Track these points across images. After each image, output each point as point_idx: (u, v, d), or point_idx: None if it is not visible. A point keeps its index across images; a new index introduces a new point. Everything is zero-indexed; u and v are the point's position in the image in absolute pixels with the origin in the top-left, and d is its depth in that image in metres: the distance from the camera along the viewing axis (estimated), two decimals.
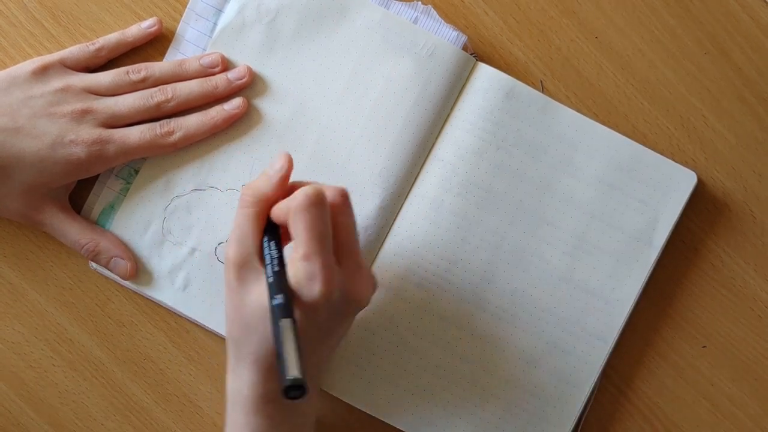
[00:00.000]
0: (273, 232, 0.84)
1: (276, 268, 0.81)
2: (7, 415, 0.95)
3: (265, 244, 0.83)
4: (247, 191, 0.84)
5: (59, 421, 0.95)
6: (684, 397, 0.95)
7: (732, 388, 0.95)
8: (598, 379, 0.93)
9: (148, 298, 0.95)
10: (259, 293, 0.80)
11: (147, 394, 0.95)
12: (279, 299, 0.78)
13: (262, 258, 0.82)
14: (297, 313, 0.78)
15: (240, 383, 0.83)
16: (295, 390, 0.74)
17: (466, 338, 0.93)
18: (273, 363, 0.80)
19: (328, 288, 0.79)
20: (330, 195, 0.82)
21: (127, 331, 0.95)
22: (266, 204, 0.84)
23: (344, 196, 0.83)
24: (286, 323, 0.77)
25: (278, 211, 0.83)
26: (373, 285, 0.85)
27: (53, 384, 0.95)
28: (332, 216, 0.81)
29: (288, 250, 0.82)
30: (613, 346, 0.93)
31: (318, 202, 0.79)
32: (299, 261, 0.79)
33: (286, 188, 0.84)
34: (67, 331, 0.95)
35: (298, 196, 0.79)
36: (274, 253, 0.82)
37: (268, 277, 0.80)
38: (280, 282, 0.80)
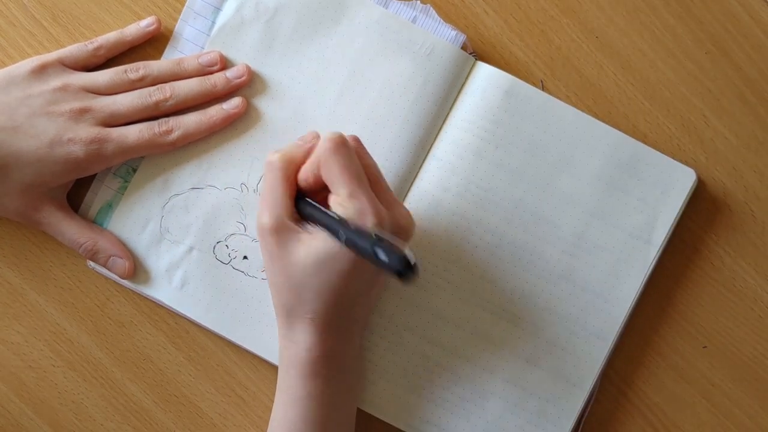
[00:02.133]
0: (302, 196, 0.86)
1: (324, 212, 0.83)
2: (7, 416, 0.95)
3: (302, 203, 0.85)
4: (275, 155, 0.86)
5: (59, 422, 0.95)
6: (684, 397, 0.95)
7: (732, 388, 0.95)
8: (598, 378, 0.93)
9: (147, 298, 0.95)
10: (304, 250, 0.82)
11: (146, 394, 0.95)
12: (347, 224, 0.79)
13: (295, 220, 0.84)
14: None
15: (296, 347, 0.86)
16: (409, 268, 0.74)
17: (465, 337, 0.93)
18: (329, 320, 0.84)
19: (379, 218, 0.81)
20: (348, 138, 0.84)
21: (127, 331, 0.95)
22: (295, 169, 0.86)
23: (357, 139, 0.86)
24: (374, 230, 0.79)
25: (302, 176, 0.85)
26: (411, 216, 0.87)
27: (53, 384, 0.95)
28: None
29: None
30: (613, 344, 0.93)
31: (344, 142, 0.83)
32: (346, 201, 0.81)
33: (304, 150, 0.87)
34: (66, 332, 0.95)
35: (325, 143, 0.82)
36: (314, 204, 0.84)
37: (320, 221, 0.82)
38: (333, 218, 0.81)
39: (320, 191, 0.85)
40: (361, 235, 0.78)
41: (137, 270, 0.93)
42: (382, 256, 0.75)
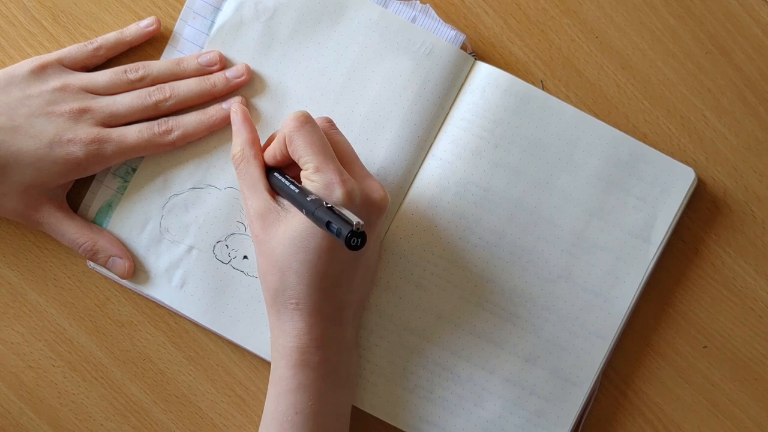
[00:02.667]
0: (271, 170, 0.88)
1: (288, 184, 0.84)
2: (7, 416, 0.95)
3: (271, 176, 0.87)
4: (235, 148, 0.89)
5: (58, 422, 0.95)
6: (684, 397, 0.95)
7: (732, 388, 0.95)
8: (598, 377, 0.93)
9: (147, 298, 0.95)
10: (283, 230, 0.84)
11: (146, 394, 0.95)
12: (307, 196, 0.81)
13: (272, 196, 0.86)
14: None
15: (285, 337, 0.86)
16: (356, 236, 0.75)
17: (465, 337, 0.93)
18: (314, 305, 0.84)
19: (347, 189, 0.82)
20: (317, 120, 0.86)
21: (127, 331, 0.95)
22: (256, 148, 0.88)
23: (330, 120, 0.88)
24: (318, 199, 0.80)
25: (269, 153, 0.88)
26: (385, 190, 0.87)
27: (52, 384, 0.95)
28: (326, 136, 0.85)
29: None
30: (612, 344, 0.92)
31: (307, 119, 0.84)
32: (312, 175, 0.82)
33: (270, 139, 0.90)
34: (66, 332, 0.95)
35: (288, 120, 0.84)
36: (282, 177, 0.86)
37: (286, 193, 0.83)
38: (296, 190, 0.83)
39: (290, 166, 0.87)
40: (317, 205, 0.79)
41: (137, 270, 0.93)
42: (334, 223, 0.76)
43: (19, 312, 0.95)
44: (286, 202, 0.85)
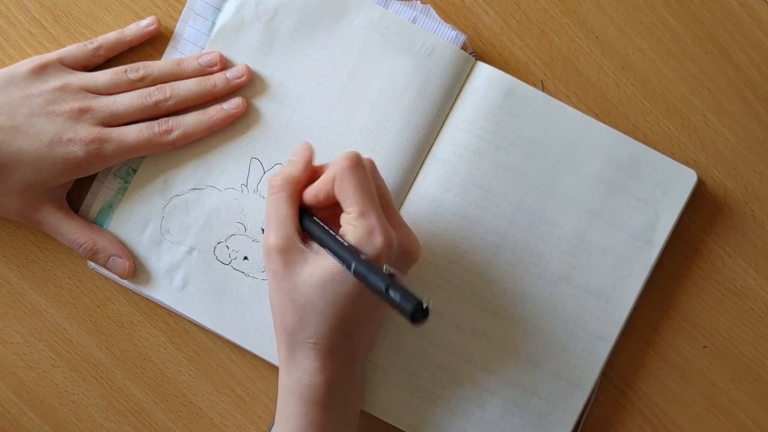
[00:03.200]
0: (308, 214, 0.86)
1: (333, 236, 0.82)
2: (7, 416, 0.95)
3: (309, 222, 0.85)
4: (276, 177, 0.86)
5: (58, 422, 0.95)
6: (684, 397, 0.95)
7: (732, 389, 0.95)
8: (598, 378, 0.93)
9: (147, 298, 0.95)
10: (311, 270, 0.82)
11: (146, 394, 0.95)
12: (360, 256, 0.79)
13: (301, 239, 0.84)
14: None
15: (298, 374, 0.85)
16: (419, 312, 0.74)
17: (466, 338, 0.93)
18: (333, 345, 0.83)
19: (387, 239, 0.81)
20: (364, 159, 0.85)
21: (127, 331, 0.95)
22: (297, 187, 0.86)
23: (373, 163, 0.86)
24: (388, 267, 0.79)
25: (312, 191, 0.85)
26: (417, 240, 0.87)
27: (52, 384, 0.95)
28: None
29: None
30: (613, 345, 0.93)
31: (360, 162, 0.83)
32: (356, 219, 0.81)
33: (312, 172, 0.87)
34: (66, 332, 0.95)
35: (342, 160, 0.82)
36: (322, 226, 0.84)
37: (329, 246, 0.82)
38: (343, 245, 0.81)
39: (326, 208, 0.85)
40: (373, 271, 0.78)
41: (138, 270, 0.93)
42: (395, 296, 0.75)
43: (19, 312, 0.95)
44: (315, 245, 0.84)
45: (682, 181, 0.93)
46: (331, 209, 0.85)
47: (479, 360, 0.93)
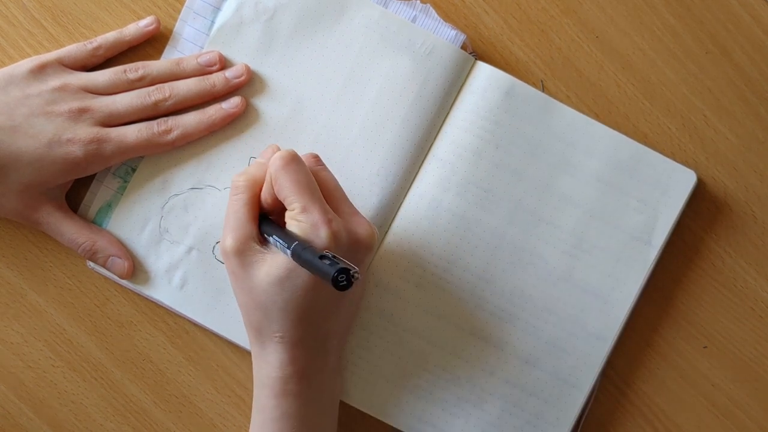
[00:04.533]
0: (265, 217, 0.87)
1: (283, 234, 0.83)
2: (6, 416, 0.95)
3: (265, 223, 0.85)
4: (239, 177, 0.86)
5: (58, 422, 0.95)
6: (684, 397, 0.95)
7: (732, 389, 0.95)
8: (597, 378, 0.93)
9: (146, 298, 0.94)
10: (267, 269, 0.83)
11: (146, 394, 0.95)
12: (294, 243, 0.80)
13: (259, 241, 0.85)
14: None
15: (268, 368, 0.86)
16: (343, 273, 0.75)
17: (465, 338, 0.93)
18: (299, 337, 0.84)
19: (332, 229, 0.82)
20: (303, 158, 0.85)
21: (126, 331, 0.95)
22: (258, 190, 0.86)
23: (316, 156, 0.87)
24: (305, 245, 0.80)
25: (263, 195, 0.86)
26: (373, 228, 0.86)
27: (52, 384, 0.95)
28: (313, 174, 0.85)
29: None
30: (612, 345, 0.92)
31: (294, 158, 0.83)
32: (299, 215, 0.82)
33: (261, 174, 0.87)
34: (66, 332, 0.95)
35: (274, 160, 0.83)
36: (272, 223, 0.85)
37: (278, 242, 0.82)
38: (291, 238, 0.81)
39: (283, 211, 0.85)
40: (307, 249, 0.79)
41: (137, 270, 0.93)
42: (321, 266, 0.76)
43: (19, 312, 0.95)
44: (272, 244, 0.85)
45: (681, 182, 0.93)
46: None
47: (478, 360, 0.93)
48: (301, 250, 0.79)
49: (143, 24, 0.94)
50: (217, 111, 0.93)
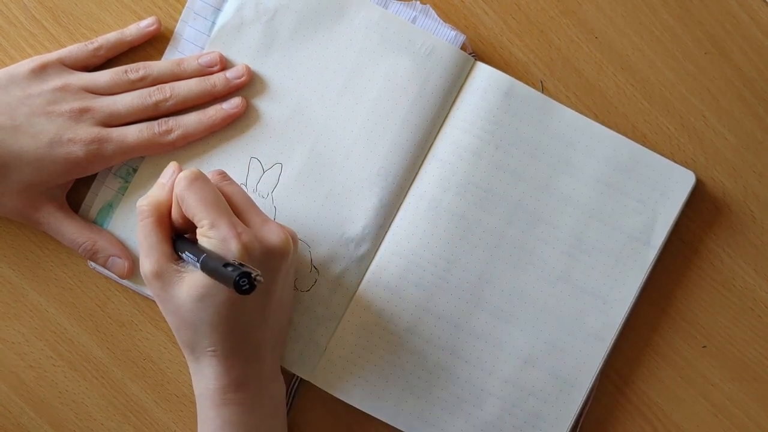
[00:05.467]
0: (179, 236, 0.87)
1: (194, 250, 0.82)
2: (7, 415, 0.95)
3: (179, 242, 0.85)
4: (143, 202, 0.86)
5: (59, 421, 0.95)
6: (684, 397, 0.95)
7: (731, 388, 0.95)
8: (596, 378, 0.93)
9: (147, 298, 0.95)
10: (187, 288, 0.83)
11: (147, 394, 0.95)
12: (203, 255, 0.80)
13: (176, 260, 0.85)
14: None
15: (206, 380, 0.86)
16: (244, 277, 0.75)
17: (464, 338, 0.93)
18: (231, 349, 0.84)
19: (243, 241, 0.81)
20: (208, 175, 0.85)
21: (127, 331, 0.95)
22: (165, 211, 0.86)
23: (221, 173, 0.87)
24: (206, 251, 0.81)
25: (173, 216, 0.86)
26: (285, 231, 0.86)
27: (53, 384, 0.95)
28: (219, 189, 0.85)
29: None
30: (611, 345, 0.93)
31: (197, 175, 0.83)
32: (208, 232, 0.82)
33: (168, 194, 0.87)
34: (67, 331, 0.95)
35: (179, 180, 0.83)
36: (189, 243, 0.84)
37: (190, 258, 0.82)
38: (202, 252, 0.81)
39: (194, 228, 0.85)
40: (211, 259, 0.79)
41: (137, 270, 0.93)
42: (224, 272, 0.76)
43: (20, 312, 0.95)
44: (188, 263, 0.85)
45: (680, 183, 0.93)
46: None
47: (477, 360, 0.93)
48: (208, 261, 0.79)
49: (144, 24, 0.95)
50: (218, 111, 0.93)
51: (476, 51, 0.95)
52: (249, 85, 0.94)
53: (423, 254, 0.93)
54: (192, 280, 0.82)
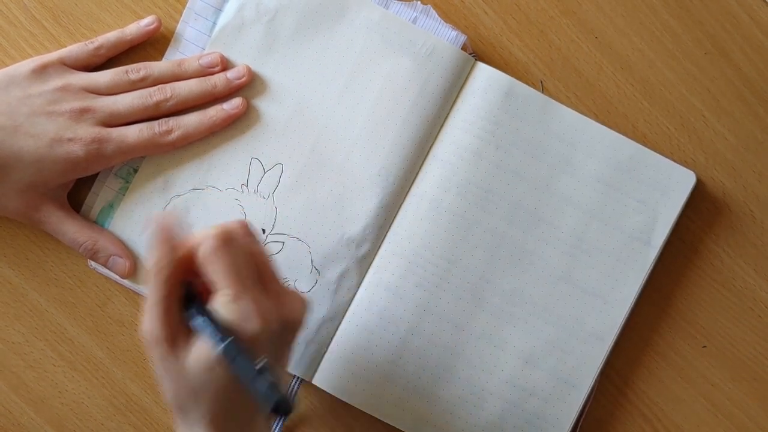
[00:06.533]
0: (189, 296, 0.80)
1: (211, 324, 0.78)
2: (8, 415, 0.95)
3: (191, 304, 0.80)
4: (160, 271, 0.78)
5: (59, 421, 0.95)
6: (684, 397, 0.95)
7: (732, 388, 0.95)
8: (597, 378, 0.93)
9: None
10: (197, 355, 0.77)
11: (147, 393, 0.95)
12: (226, 340, 0.76)
13: (182, 321, 0.79)
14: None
15: None
16: (284, 404, 0.73)
17: (465, 338, 0.93)
18: (228, 418, 0.79)
19: (265, 321, 0.77)
20: (233, 230, 0.79)
21: (128, 330, 0.95)
22: (173, 269, 0.79)
23: (246, 227, 0.81)
24: (262, 359, 0.76)
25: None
26: (304, 304, 0.82)
27: (53, 384, 0.95)
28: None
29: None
30: (612, 345, 0.93)
31: (227, 239, 0.78)
32: (230, 304, 0.77)
33: (184, 249, 0.80)
34: (67, 331, 0.95)
35: (206, 241, 0.77)
36: (203, 314, 0.79)
37: (206, 332, 0.77)
38: (219, 329, 0.77)
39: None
40: (243, 361, 0.75)
41: (138, 270, 0.93)
42: (260, 387, 0.74)
43: (20, 311, 0.95)
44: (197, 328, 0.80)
45: (680, 183, 0.93)
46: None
47: (478, 360, 0.93)
48: (235, 354, 0.75)
49: (144, 23, 0.94)
50: (219, 112, 0.93)
51: (476, 51, 0.95)
52: (250, 86, 0.94)
53: (424, 254, 0.93)
54: (204, 348, 0.77)
